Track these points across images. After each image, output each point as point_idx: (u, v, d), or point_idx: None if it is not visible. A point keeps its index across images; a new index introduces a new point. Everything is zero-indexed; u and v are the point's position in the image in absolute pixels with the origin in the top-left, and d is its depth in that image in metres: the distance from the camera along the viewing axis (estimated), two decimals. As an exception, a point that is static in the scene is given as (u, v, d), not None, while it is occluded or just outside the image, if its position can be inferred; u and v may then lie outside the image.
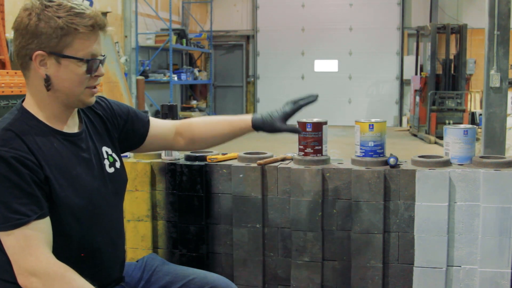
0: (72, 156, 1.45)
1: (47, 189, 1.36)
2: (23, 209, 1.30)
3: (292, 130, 1.79)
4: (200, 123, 1.82)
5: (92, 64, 1.42)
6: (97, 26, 1.41)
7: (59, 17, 1.36)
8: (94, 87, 1.47)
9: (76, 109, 1.52)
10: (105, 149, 1.58)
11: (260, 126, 1.76)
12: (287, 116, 1.77)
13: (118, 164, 1.61)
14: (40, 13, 1.35)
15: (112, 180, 1.56)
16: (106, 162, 1.56)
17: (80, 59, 1.40)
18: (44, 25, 1.35)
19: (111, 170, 1.57)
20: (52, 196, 1.37)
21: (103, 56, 1.47)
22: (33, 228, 1.31)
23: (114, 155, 1.61)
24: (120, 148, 1.69)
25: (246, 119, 1.78)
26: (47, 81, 1.39)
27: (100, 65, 1.45)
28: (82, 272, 1.35)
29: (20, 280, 1.32)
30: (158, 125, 1.77)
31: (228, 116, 1.82)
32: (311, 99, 1.80)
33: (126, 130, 1.68)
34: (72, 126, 1.51)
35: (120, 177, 1.61)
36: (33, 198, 1.32)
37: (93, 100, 1.49)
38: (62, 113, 1.47)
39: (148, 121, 1.75)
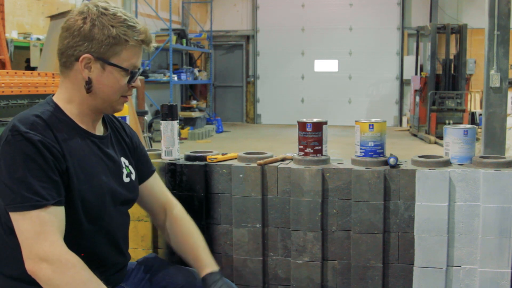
0: (93, 155, 1.49)
1: (66, 179, 1.39)
2: (43, 192, 1.32)
3: None
4: (184, 230, 1.74)
5: (133, 75, 1.49)
6: (145, 41, 1.48)
7: (113, 26, 1.42)
8: (127, 96, 1.53)
9: (102, 115, 1.58)
10: (123, 159, 1.62)
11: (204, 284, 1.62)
12: None
13: (133, 177, 1.65)
14: (96, 19, 1.42)
15: (126, 189, 1.59)
16: (124, 171, 1.60)
17: (125, 69, 1.46)
18: (97, 31, 1.42)
19: (127, 180, 1.60)
20: (70, 188, 1.40)
21: (141, 68, 1.54)
22: (50, 213, 1.32)
23: (130, 167, 1.64)
24: None
25: (204, 269, 1.62)
26: (89, 84, 1.45)
27: (138, 77, 1.52)
28: None
29: (29, 265, 1.31)
30: (158, 184, 1.79)
31: (201, 250, 1.68)
32: None
33: (135, 159, 1.71)
34: (97, 129, 1.56)
35: (134, 189, 1.65)
36: (54, 183, 1.35)
37: (122, 107, 1.55)
38: (92, 114, 1.52)
39: (153, 171, 1.78)
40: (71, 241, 1.40)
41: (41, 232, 1.31)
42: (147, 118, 10.25)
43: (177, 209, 1.79)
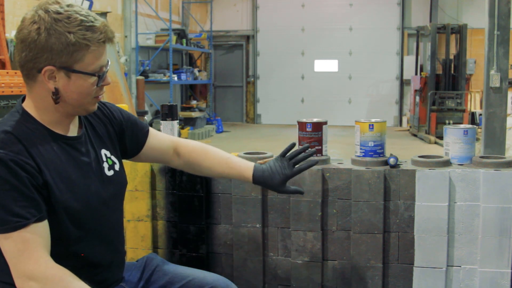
0: (71, 160, 1.45)
1: (45, 193, 1.36)
2: (22, 212, 1.29)
3: (294, 193, 1.76)
4: (201, 152, 1.79)
5: (101, 77, 1.43)
6: (108, 40, 1.41)
7: (70, 33, 1.33)
8: (98, 96, 1.48)
9: (76, 116, 1.53)
10: (104, 151, 1.58)
11: (261, 183, 1.74)
12: (287, 178, 1.73)
13: (117, 167, 1.61)
14: (50, 28, 1.32)
15: (111, 182, 1.56)
16: (105, 165, 1.56)
17: (92, 74, 1.40)
18: (54, 41, 1.32)
19: (110, 173, 1.56)
20: (50, 200, 1.37)
21: (108, 63, 1.46)
22: (31, 231, 1.30)
23: (113, 157, 1.60)
24: (120, 153, 1.69)
25: (247, 170, 1.74)
26: (56, 94, 1.38)
27: (107, 74, 1.46)
28: (80, 275, 1.35)
29: (18, 284, 1.31)
30: (157, 138, 1.77)
31: (230, 158, 1.78)
32: (311, 163, 1.75)
33: (124, 136, 1.68)
34: (72, 129, 1.51)
35: (119, 179, 1.61)
36: (32, 201, 1.32)
37: (96, 107, 1.50)
38: (64, 119, 1.47)
39: (148, 131, 1.74)
40: (63, 250, 1.39)
41: (24, 251, 1.29)
42: (147, 118, 10.26)
43: (183, 144, 1.79)
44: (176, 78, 11.39)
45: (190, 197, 2.17)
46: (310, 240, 2.09)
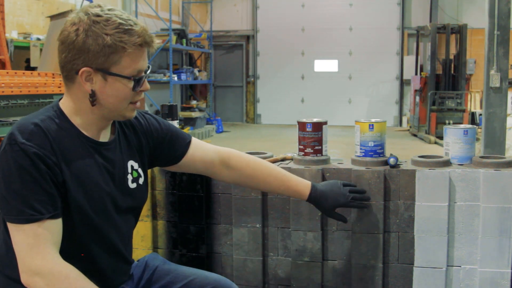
0: (94, 165, 1.45)
1: (63, 191, 1.36)
2: (38, 206, 1.31)
3: (338, 219, 1.89)
4: (255, 166, 1.77)
5: (138, 81, 1.42)
6: (145, 44, 1.40)
7: (107, 35, 1.33)
8: (136, 102, 1.46)
9: (111, 122, 1.53)
10: (131, 163, 1.57)
11: (313, 202, 1.81)
12: (339, 206, 1.84)
13: (141, 180, 1.60)
14: (88, 30, 1.33)
15: (131, 195, 1.55)
16: (129, 177, 1.55)
17: (127, 77, 1.39)
18: (91, 42, 1.33)
19: (133, 185, 1.56)
20: (66, 200, 1.37)
21: (148, 67, 1.46)
22: (44, 227, 1.31)
23: (139, 170, 1.59)
24: (155, 163, 1.69)
25: (304, 189, 1.78)
26: (92, 97, 1.39)
27: (145, 80, 1.45)
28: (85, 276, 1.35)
29: (24, 278, 1.31)
30: (201, 149, 1.74)
31: (286, 174, 1.78)
32: (364, 206, 1.95)
33: (161, 147, 1.67)
34: (103, 135, 1.50)
35: (140, 194, 1.60)
36: (50, 196, 1.33)
37: (134, 114, 1.49)
38: (99, 123, 1.46)
39: (189, 142, 1.72)
40: (71, 251, 1.39)
41: (34, 246, 1.30)
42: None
43: (235, 157, 1.77)
44: (176, 78, 11.40)
45: (190, 197, 2.17)
46: (310, 240, 2.09)
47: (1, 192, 1.32)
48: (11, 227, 1.32)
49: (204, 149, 1.75)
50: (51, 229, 1.32)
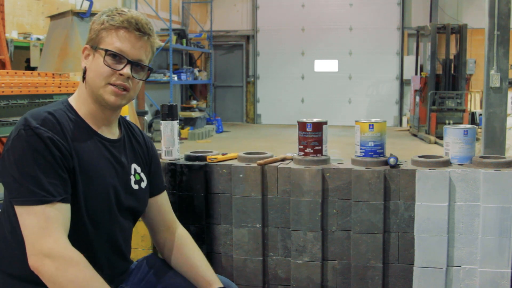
0: (102, 157, 1.48)
1: (72, 179, 1.39)
2: (51, 188, 1.32)
3: None
4: (185, 251, 1.68)
5: (110, 56, 1.44)
6: (131, 25, 1.45)
7: (106, 16, 1.46)
8: (115, 85, 1.45)
9: (116, 119, 1.56)
10: (134, 166, 1.60)
11: None
12: None
13: (143, 184, 1.62)
14: (101, 15, 1.48)
15: (133, 195, 1.57)
16: (132, 178, 1.58)
17: (105, 50, 1.44)
18: (95, 22, 1.48)
19: (135, 186, 1.58)
20: (73, 188, 1.39)
21: (142, 62, 1.48)
22: (56, 209, 1.32)
23: (142, 175, 1.62)
24: None
25: (212, 286, 1.60)
26: (84, 73, 1.48)
27: (128, 66, 1.45)
28: None
29: (32, 261, 1.30)
30: (164, 204, 1.72)
31: (206, 268, 1.64)
32: None
33: (149, 170, 1.68)
34: (110, 133, 1.54)
35: (142, 196, 1.62)
36: (62, 180, 1.35)
37: (112, 99, 1.46)
38: (98, 112, 1.50)
39: (162, 189, 1.72)
40: (73, 241, 1.39)
41: (45, 228, 1.30)
42: (147, 118, 10.26)
43: (181, 229, 1.74)
44: (176, 78, 11.39)
45: (190, 197, 2.17)
46: (310, 240, 2.09)
47: (13, 175, 1.33)
48: (21, 210, 1.32)
49: (168, 205, 1.73)
50: (62, 212, 1.34)
